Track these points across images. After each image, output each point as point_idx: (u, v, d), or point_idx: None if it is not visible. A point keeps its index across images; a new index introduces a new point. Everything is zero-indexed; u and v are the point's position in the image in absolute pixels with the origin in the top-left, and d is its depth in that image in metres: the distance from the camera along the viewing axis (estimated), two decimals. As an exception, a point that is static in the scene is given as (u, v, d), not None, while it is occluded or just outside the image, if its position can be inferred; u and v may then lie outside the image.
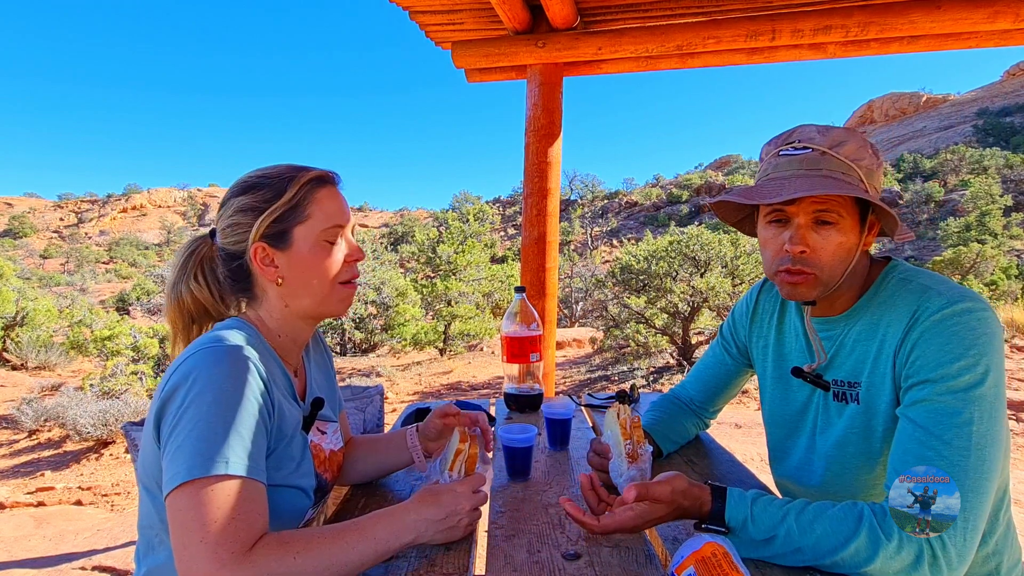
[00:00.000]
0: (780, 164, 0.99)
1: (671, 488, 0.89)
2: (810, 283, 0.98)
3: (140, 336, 8.25)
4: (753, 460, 4.12)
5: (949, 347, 0.87)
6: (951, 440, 0.83)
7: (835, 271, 0.98)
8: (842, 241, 0.96)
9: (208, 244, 1.02)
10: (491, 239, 16.26)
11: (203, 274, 1.00)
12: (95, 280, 37.57)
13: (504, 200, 61.10)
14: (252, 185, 0.96)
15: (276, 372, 0.95)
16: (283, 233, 0.95)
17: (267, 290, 0.98)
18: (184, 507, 0.74)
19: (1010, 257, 19.01)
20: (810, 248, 0.96)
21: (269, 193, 0.95)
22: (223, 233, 0.97)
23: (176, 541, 0.74)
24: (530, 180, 3.13)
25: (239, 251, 0.96)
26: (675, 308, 8.57)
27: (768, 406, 1.23)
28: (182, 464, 0.75)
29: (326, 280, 0.98)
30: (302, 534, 0.80)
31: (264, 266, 0.95)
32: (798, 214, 0.96)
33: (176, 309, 1.00)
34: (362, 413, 1.98)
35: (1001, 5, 2.55)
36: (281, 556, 0.75)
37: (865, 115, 64.30)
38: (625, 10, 2.95)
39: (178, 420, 0.78)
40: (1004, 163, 33.46)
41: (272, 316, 0.99)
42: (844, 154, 0.95)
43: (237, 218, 0.95)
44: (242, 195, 0.96)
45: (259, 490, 0.80)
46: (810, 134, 0.98)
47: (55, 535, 3.82)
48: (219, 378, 0.81)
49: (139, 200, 73.90)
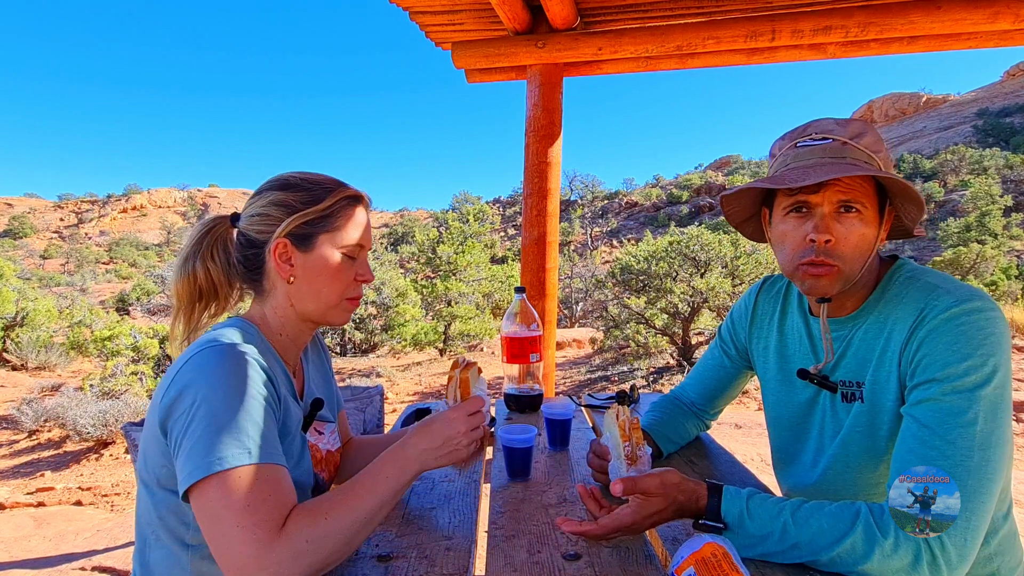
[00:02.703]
0: (800, 154, 0.97)
1: (660, 480, 0.89)
2: (833, 276, 0.96)
3: (140, 336, 8.25)
4: (753, 460, 4.11)
5: (956, 346, 0.86)
6: (955, 440, 0.82)
7: (856, 264, 0.96)
8: (864, 232, 0.94)
9: (227, 225, 1.03)
10: (491, 239, 16.26)
11: (218, 253, 1.02)
12: (95, 280, 37.59)
13: (504, 200, 61.10)
14: (293, 184, 0.99)
15: (277, 370, 0.96)
16: (308, 236, 0.97)
17: (276, 286, 1.00)
18: (214, 498, 0.76)
19: (1010, 257, 19.01)
20: (835, 238, 0.94)
21: (307, 196, 0.98)
22: (250, 220, 0.99)
23: (211, 532, 0.76)
24: (530, 180, 3.13)
25: (260, 240, 0.98)
26: (675, 308, 8.57)
27: (771, 408, 1.21)
28: (202, 459, 0.76)
29: (334, 292, 1.00)
30: (324, 498, 0.84)
31: (281, 262, 0.97)
32: (822, 203, 0.94)
33: (185, 284, 1.01)
34: (362, 413, 1.98)
35: (1001, 5, 2.55)
36: (313, 522, 0.79)
37: (865, 115, 64.31)
38: (625, 10, 2.95)
39: (191, 418, 0.79)
40: (1004, 163, 33.46)
41: (276, 313, 1.00)
42: (864, 145, 0.95)
43: (269, 209, 0.98)
44: (280, 191, 0.99)
45: (282, 472, 0.83)
46: (829, 126, 0.97)
47: (55, 535, 3.83)
48: (225, 374, 0.83)
49: (139, 200, 73.93)
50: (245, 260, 1.00)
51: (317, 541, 0.78)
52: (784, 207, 0.99)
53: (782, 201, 1.00)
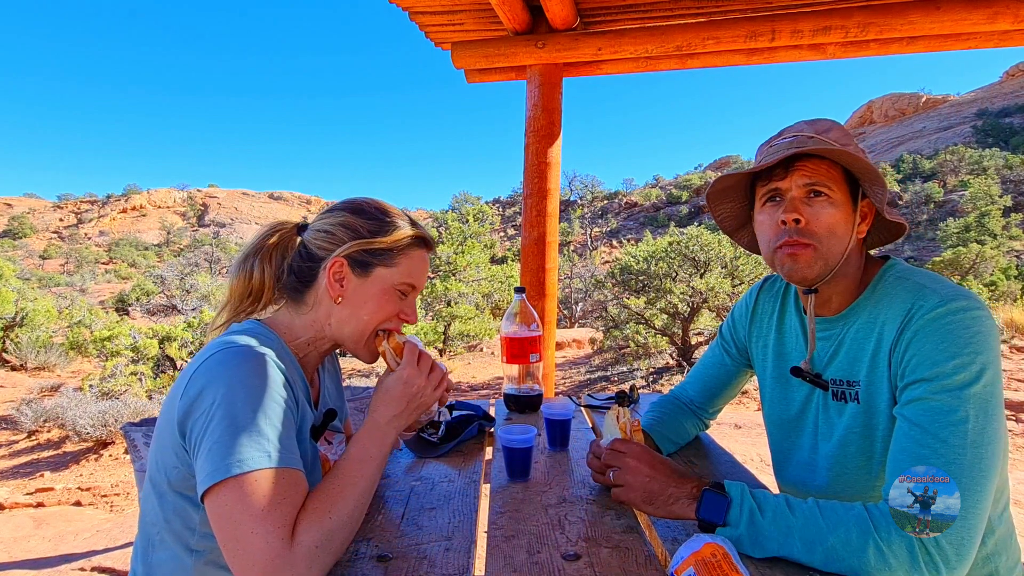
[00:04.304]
0: (771, 150, 1.03)
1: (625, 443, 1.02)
2: (809, 255, 0.99)
3: (139, 337, 8.24)
4: (753, 460, 4.11)
5: (944, 345, 0.88)
6: (947, 438, 0.83)
7: (832, 245, 0.99)
8: (834, 214, 0.98)
9: (293, 232, 1.05)
10: (491, 240, 16.26)
11: (276, 257, 1.04)
12: (95, 281, 37.57)
13: (504, 201, 61.12)
14: (365, 211, 1.02)
15: (295, 375, 0.96)
16: (367, 264, 1.00)
17: (321, 302, 1.01)
18: (231, 501, 0.76)
19: (1009, 258, 19.02)
20: (805, 218, 0.98)
21: (375, 226, 1.01)
22: (315, 234, 1.01)
23: (226, 534, 0.76)
24: (530, 181, 3.13)
25: (319, 255, 1.00)
26: (675, 309, 8.57)
27: (768, 407, 1.23)
28: (222, 461, 0.77)
29: (373, 322, 1.02)
30: (318, 495, 0.85)
31: (333, 280, 0.99)
32: (790, 187, 1.00)
33: (241, 281, 1.03)
34: (362, 414, 1.97)
35: (1000, 5, 2.55)
36: (318, 523, 0.80)
37: (864, 116, 64.35)
38: (625, 11, 2.95)
39: (210, 420, 0.79)
40: (1003, 164, 33.49)
41: (309, 327, 1.01)
42: (832, 138, 1.00)
43: (336, 229, 1.00)
44: (351, 214, 1.01)
45: (300, 476, 0.83)
46: (799, 127, 1.04)
47: (54, 536, 3.82)
48: (245, 375, 0.83)
49: (139, 201, 73.88)
50: (300, 270, 1.01)
51: (327, 538, 0.79)
52: (760, 199, 1.06)
53: (759, 194, 1.06)
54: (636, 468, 0.99)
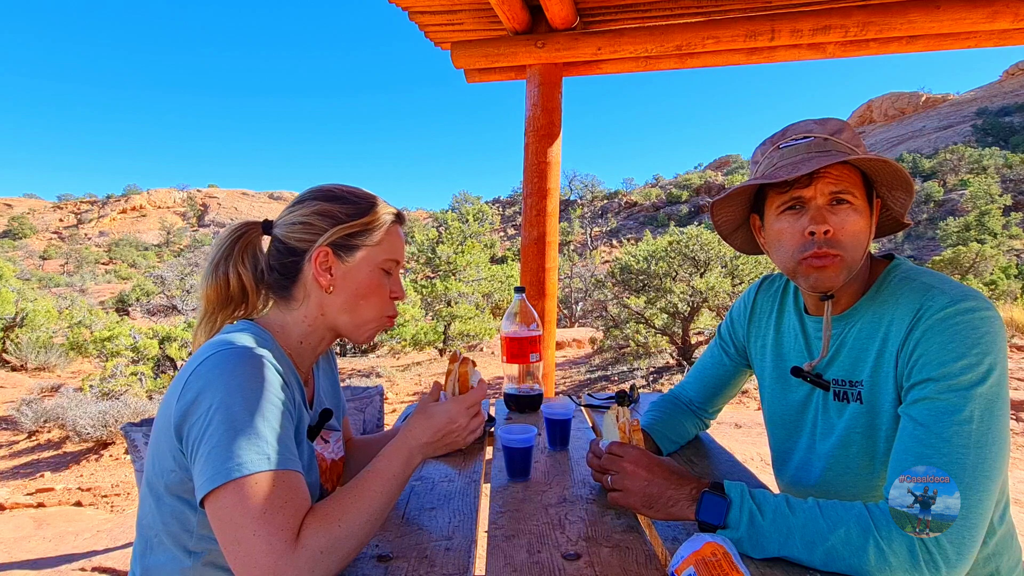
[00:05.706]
0: (785, 153, 0.98)
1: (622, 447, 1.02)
2: (837, 266, 0.96)
3: (140, 337, 8.24)
4: (753, 460, 4.12)
5: (952, 345, 0.87)
6: (950, 438, 0.83)
7: (856, 253, 0.97)
8: (858, 220, 0.96)
9: (258, 231, 1.04)
10: (491, 239, 16.26)
11: (248, 259, 1.02)
12: (95, 281, 37.56)
13: (504, 200, 61.13)
14: (339, 196, 1.01)
15: (291, 376, 0.96)
16: (352, 248, 0.99)
17: (310, 294, 1.00)
18: (231, 504, 0.76)
19: (1009, 257, 19.02)
20: (833, 228, 0.95)
21: (352, 209, 1.00)
22: (290, 228, 1.00)
23: (227, 538, 0.75)
24: (530, 180, 3.13)
25: (300, 248, 0.99)
26: (675, 308, 8.57)
27: (768, 406, 1.22)
28: (221, 465, 0.76)
29: (373, 307, 1.02)
30: (335, 501, 0.84)
31: (321, 270, 0.98)
32: (815, 195, 0.95)
33: (216, 289, 1.01)
34: (362, 413, 1.98)
35: (1000, 5, 2.55)
36: (327, 529, 0.79)
37: (864, 115, 64.33)
38: (624, 10, 2.95)
39: (208, 422, 0.79)
40: (1003, 163, 33.49)
41: (303, 322, 1.00)
42: (844, 140, 0.97)
43: (313, 219, 0.99)
44: (325, 201, 1.00)
45: (299, 478, 0.83)
46: (808, 126, 1.00)
47: (55, 536, 3.82)
48: (242, 377, 0.82)
49: (138, 201, 73.89)
50: (281, 267, 1.00)
51: (333, 546, 0.78)
52: (777, 206, 1.00)
53: (775, 201, 1.01)
54: (634, 472, 0.98)
